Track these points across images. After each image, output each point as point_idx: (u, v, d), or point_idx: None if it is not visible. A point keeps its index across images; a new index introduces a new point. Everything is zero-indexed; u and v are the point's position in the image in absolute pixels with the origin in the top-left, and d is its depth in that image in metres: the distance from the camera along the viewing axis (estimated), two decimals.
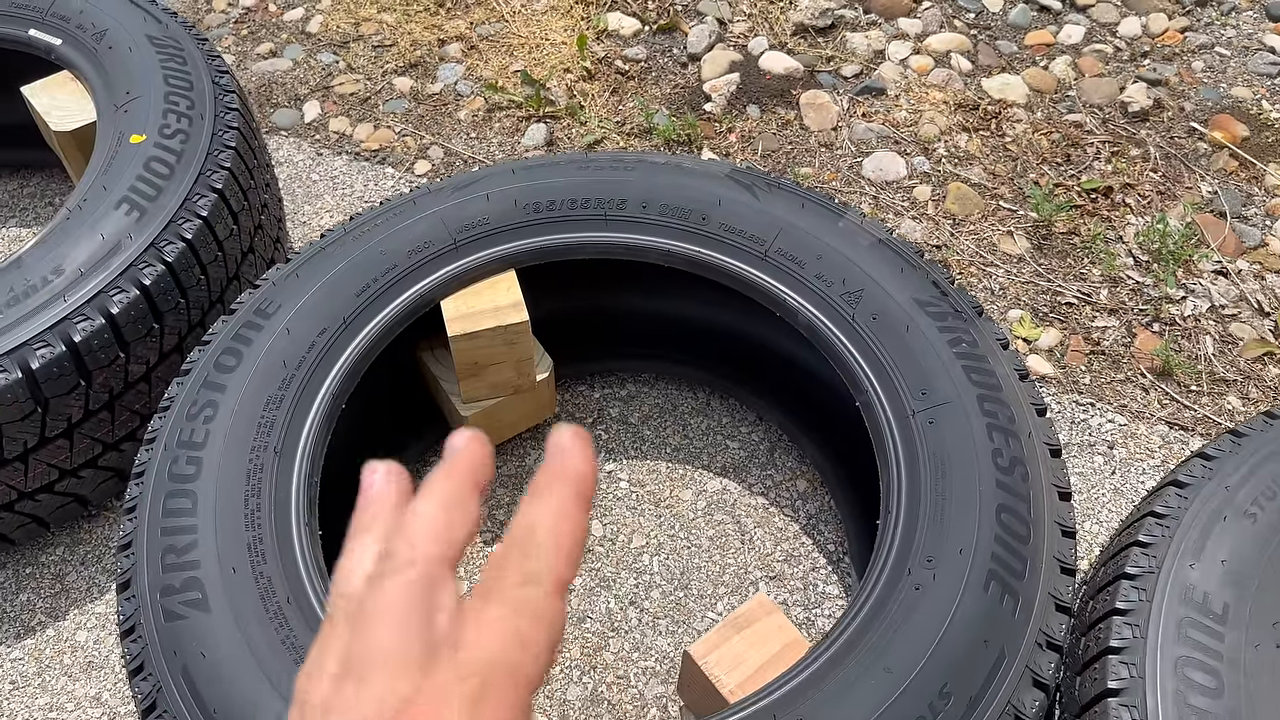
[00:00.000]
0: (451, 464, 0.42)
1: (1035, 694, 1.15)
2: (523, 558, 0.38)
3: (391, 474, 0.44)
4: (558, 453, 0.42)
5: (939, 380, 1.37)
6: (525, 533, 0.39)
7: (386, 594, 0.38)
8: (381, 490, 0.43)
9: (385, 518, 0.42)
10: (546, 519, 0.40)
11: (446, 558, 0.39)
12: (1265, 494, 1.28)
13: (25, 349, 1.43)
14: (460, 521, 0.40)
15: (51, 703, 1.51)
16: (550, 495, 0.40)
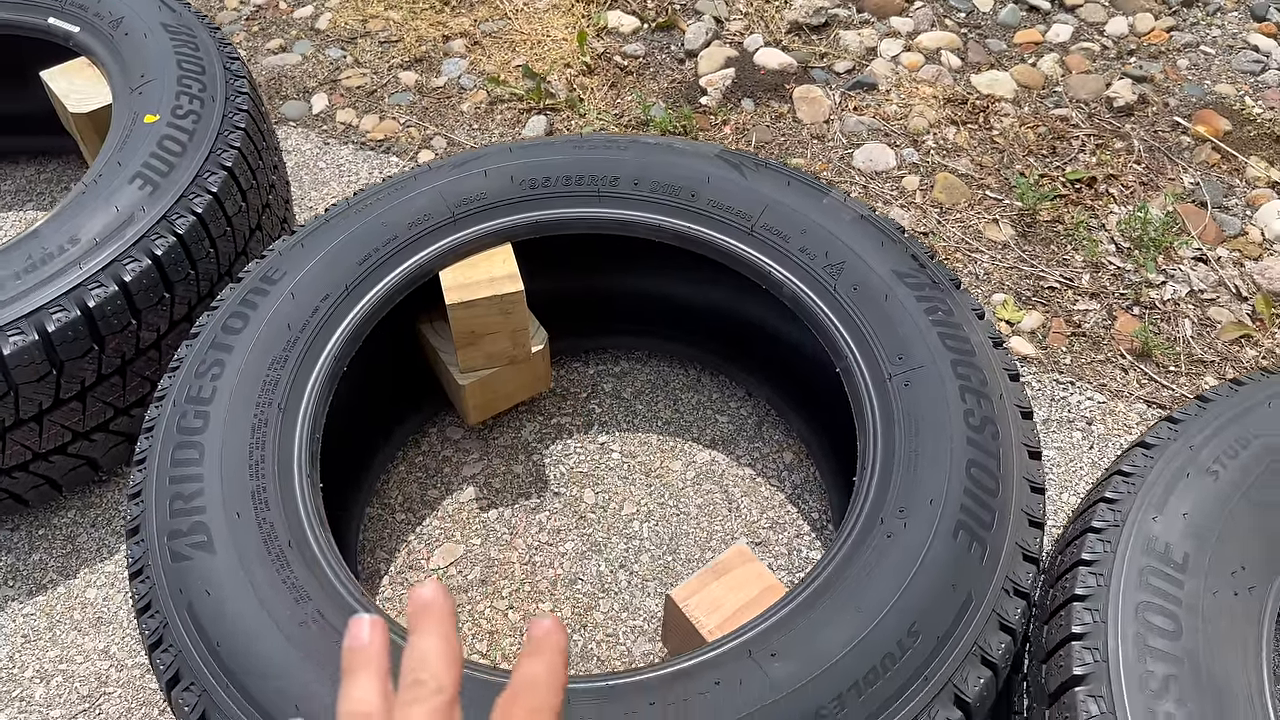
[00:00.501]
0: (430, 608, 0.50)
1: (1002, 637, 1.20)
2: (530, 698, 0.48)
3: (377, 625, 0.51)
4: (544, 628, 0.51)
5: (915, 346, 1.43)
6: (531, 680, 0.48)
7: (414, 716, 0.46)
8: (372, 638, 0.50)
9: (379, 660, 0.49)
10: (544, 672, 0.49)
11: (459, 685, 0.48)
12: (1227, 453, 1.33)
13: (42, 313, 1.50)
14: (459, 656, 0.49)
15: (62, 655, 1.57)
16: (543, 657, 0.49)
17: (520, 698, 0.48)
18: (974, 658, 1.17)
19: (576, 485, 1.76)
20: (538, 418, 1.85)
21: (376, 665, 0.49)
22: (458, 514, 1.72)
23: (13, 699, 1.53)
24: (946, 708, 1.14)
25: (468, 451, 1.81)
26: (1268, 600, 1.24)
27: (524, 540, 1.69)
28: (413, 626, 0.50)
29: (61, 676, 1.55)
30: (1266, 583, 1.25)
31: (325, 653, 1.15)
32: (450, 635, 0.49)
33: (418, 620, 0.50)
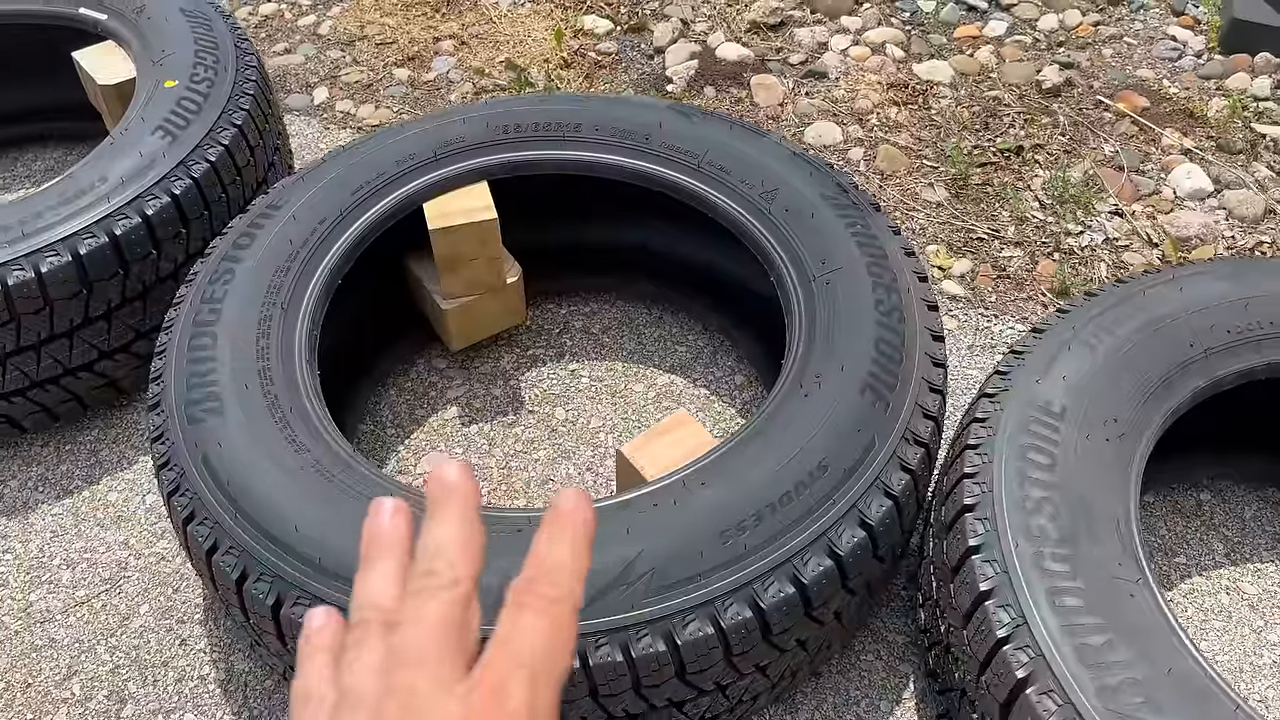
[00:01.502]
0: (453, 492, 0.46)
1: (902, 476, 1.39)
2: (551, 583, 0.43)
3: (400, 510, 0.48)
4: (570, 502, 0.46)
5: (836, 253, 1.64)
6: (552, 562, 0.43)
7: (431, 610, 0.42)
8: (393, 523, 0.47)
9: (400, 547, 0.46)
10: (567, 554, 0.44)
11: (478, 577, 0.44)
12: (1105, 330, 1.53)
13: (75, 238, 1.71)
14: (481, 544, 0.45)
15: (86, 546, 1.76)
16: (568, 536, 0.44)
17: (537, 585, 0.42)
18: (876, 489, 1.36)
19: (549, 405, 1.95)
20: (514, 350, 2.05)
21: (395, 554, 0.46)
22: (442, 429, 1.92)
23: (42, 582, 1.72)
24: (853, 528, 1.33)
25: (451, 378, 2.01)
26: (1139, 447, 1.43)
27: (501, 449, 1.88)
28: (431, 511, 0.45)
29: (86, 564, 1.74)
30: (1138, 433, 1.44)
31: (322, 490, 1.34)
32: (472, 521, 0.45)
33: (438, 505, 0.45)
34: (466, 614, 0.43)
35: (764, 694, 1.42)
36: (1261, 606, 1.64)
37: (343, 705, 0.42)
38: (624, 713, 1.29)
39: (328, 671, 0.44)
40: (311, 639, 0.47)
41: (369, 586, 0.45)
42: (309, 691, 0.44)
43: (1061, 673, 1.18)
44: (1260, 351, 1.54)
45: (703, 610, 1.24)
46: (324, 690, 0.44)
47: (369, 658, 0.42)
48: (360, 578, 0.45)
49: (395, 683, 0.40)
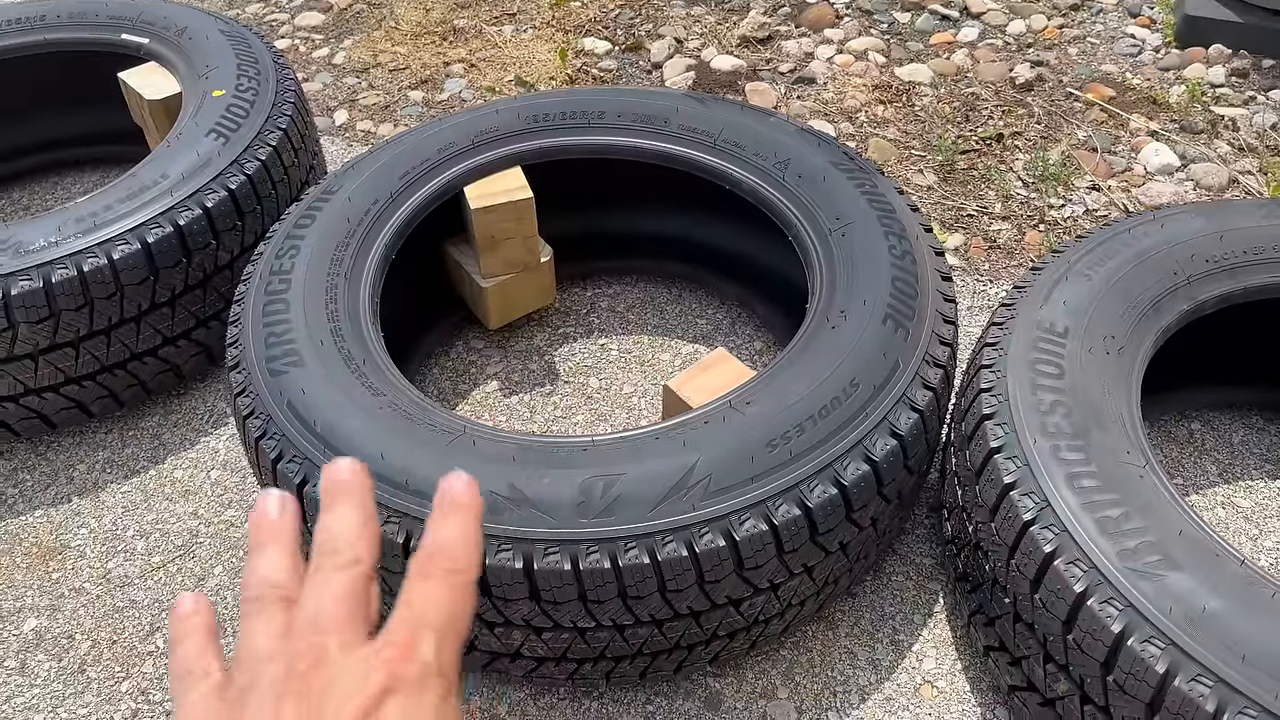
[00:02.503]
0: (346, 485, 0.47)
1: (925, 392, 1.53)
2: (448, 556, 0.45)
3: (287, 500, 0.49)
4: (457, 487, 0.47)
5: (848, 210, 1.80)
6: (446, 540, 0.45)
7: (334, 583, 0.43)
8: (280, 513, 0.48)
9: (289, 534, 0.47)
10: (460, 533, 0.46)
11: (376, 562, 0.46)
12: (1097, 263, 1.69)
13: (143, 228, 1.85)
14: (377, 532, 0.47)
15: (157, 519, 1.87)
16: (458, 516, 0.46)
17: (435, 557, 0.45)
18: (904, 403, 1.51)
19: (583, 375, 2.09)
20: (546, 329, 2.19)
21: (286, 540, 0.47)
22: (484, 400, 2.05)
23: (118, 551, 1.82)
24: (885, 437, 1.47)
25: (489, 356, 2.14)
26: (1136, 359, 1.59)
27: (542, 416, 2.01)
28: (326, 504, 0.47)
29: (159, 534, 1.84)
30: (1135, 347, 1.60)
31: (401, 424, 1.47)
32: (369, 512, 0.46)
33: (332, 497, 0.47)
34: (368, 590, 0.44)
35: (810, 599, 1.54)
36: (1255, 517, 1.79)
37: (247, 665, 0.42)
38: (688, 609, 1.41)
39: (208, 647, 0.45)
40: (186, 620, 0.47)
41: (262, 567, 0.45)
42: (189, 668, 0.44)
43: (1085, 542, 1.31)
44: (1236, 277, 1.70)
45: (756, 510, 1.37)
46: (207, 664, 0.44)
47: (271, 625, 0.42)
48: (251, 562, 0.46)
49: (303, 645, 0.41)
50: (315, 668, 0.40)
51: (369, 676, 0.39)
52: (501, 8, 3.38)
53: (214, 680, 0.43)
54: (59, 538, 1.85)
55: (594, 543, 1.33)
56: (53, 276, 1.77)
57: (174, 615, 0.48)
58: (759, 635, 1.53)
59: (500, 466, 1.39)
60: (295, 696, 0.39)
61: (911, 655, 1.62)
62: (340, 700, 0.38)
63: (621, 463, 1.39)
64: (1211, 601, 1.22)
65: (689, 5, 3.32)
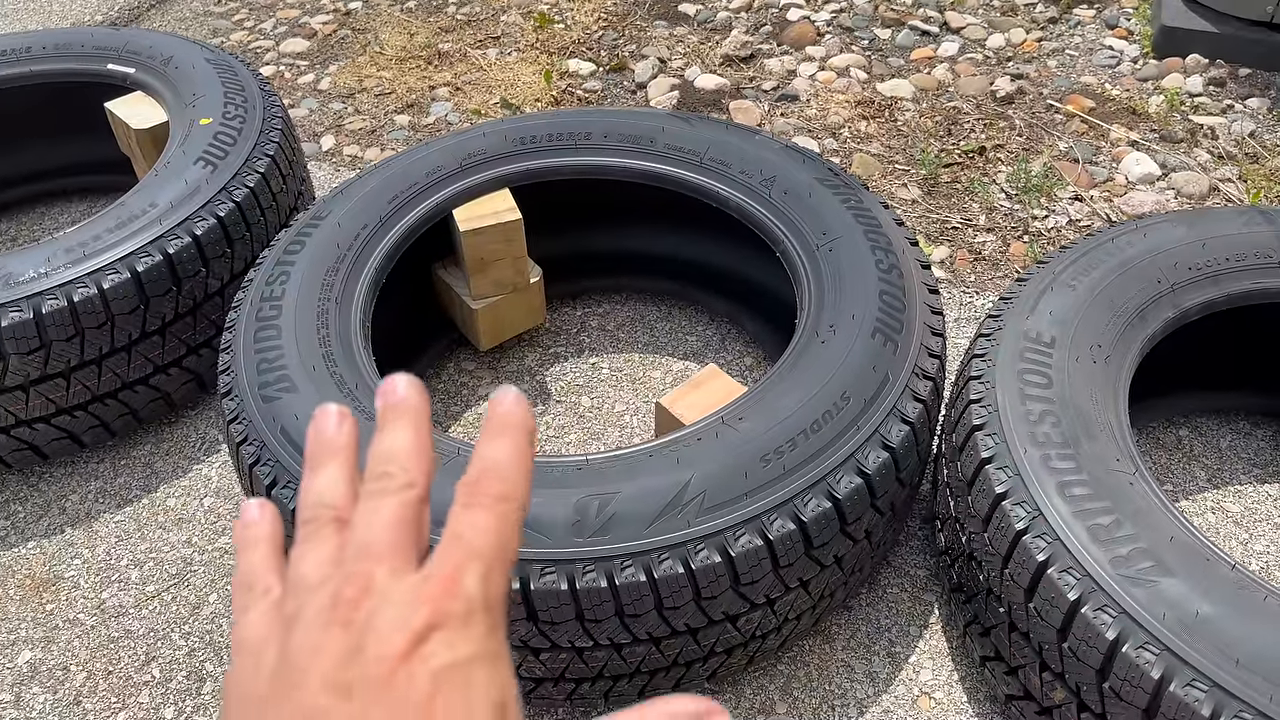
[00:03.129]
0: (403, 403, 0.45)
1: (916, 405, 1.55)
2: (499, 481, 0.42)
3: (345, 416, 0.47)
4: (506, 404, 0.45)
5: (835, 225, 1.82)
6: (494, 463, 0.43)
7: (386, 508, 0.41)
8: (338, 429, 0.46)
9: (347, 451, 0.45)
10: (511, 454, 0.43)
11: (430, 485, 0.43)
12: (1081, 273, 1.71)
13: (132, 257, 1.85)
14: (432, 452, 0.44)
15: (151, 548, 1.86)
16: (508, 436, 0.44)
17: (483, 482, 0.42)
18: (894, 416, 1.52)
19: (574, 395, 2.10)
20: (537, 349, 2.20)
21: (344, 457, 0.45)
22: (477, 422, 2.05)
23: (112, 581, 1.81)
24: (876, 449, 1.48)
25: (480, 378, 2.15)
26: (1123, 367, 1.60)
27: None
28: (381, 423, 0.45)
29: (152, 563, 1.84)
30: (1121, 356, 1.61)
31: None
32: (425, 432, 0.44)
33: (389, 416, 0.45)
34: (420, 515, 0.42)
35: (806, 614, 1.55)
36: (1245, 521, 1.80)
37: (295, 591, 0.41)
38: (685, 626, 1.41)
39: (271, 561, 0.44)
40: (250, 528, 0.46)
41: (318, 486, 0.44)
42: (252, 580, 0.44)
43: (1077, 550, 1.32)
44: (1219, 284, 1.72)
45: (751, 525, 1.38)
46: (269, 580, 0.43)
47: (323, 550, 0.42)
48: (307, 480, 0.45)
49: (352, 570, 0.40)
50: (362, 597, 0.39)
51: (415, 610, 0.38)
52: (486, 31, 3.40)
53: (273, 598, 0.43)
54: (52, 569, 1.84)
55: (590, 562, 1.33)
56: (43, 307, 1.77)
57: (239, 523, 0.47)
58: (756, 651, 1.53)
59: None
60: (340, 626, 0.38)
61: (908, 667, 1.63)
62: (385, 633, 0.37)
63: (616, 481, 1.40)
64: (1204, 606, 1.23)
65: (672, 25, 3.35)
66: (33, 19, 3.77)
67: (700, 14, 3.39)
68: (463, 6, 3.57)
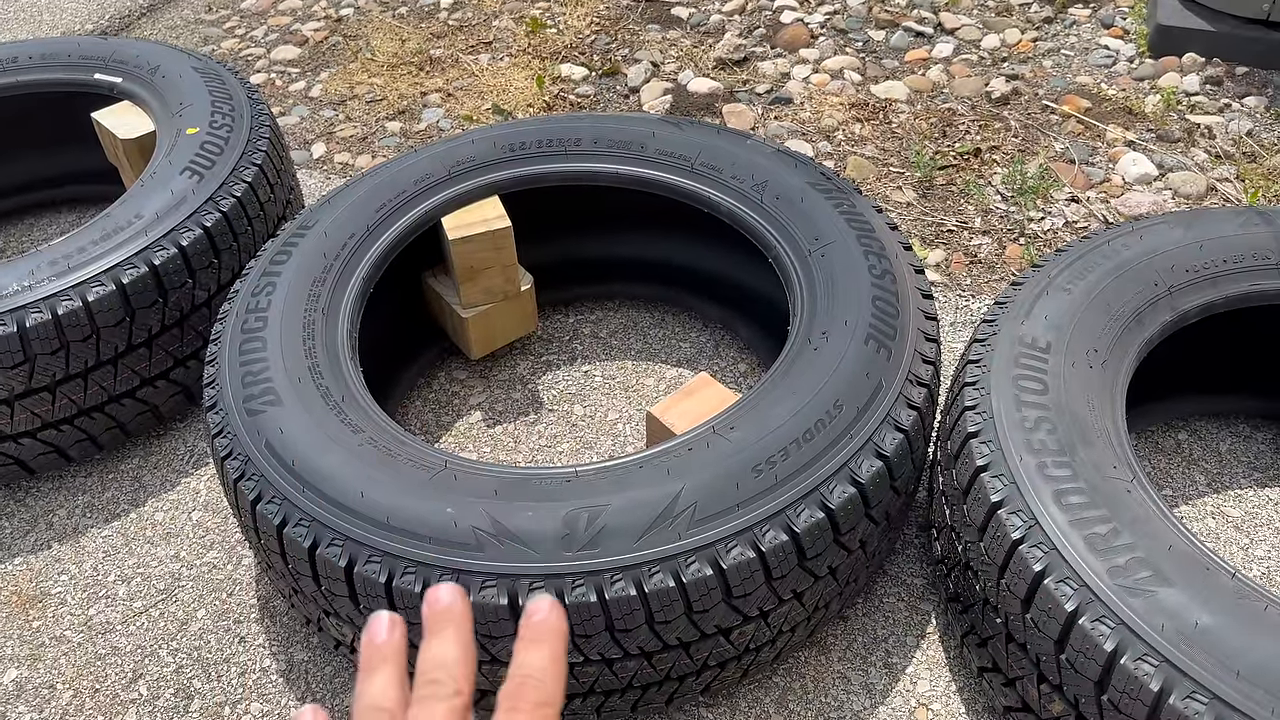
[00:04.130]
0: (450, 613, 0.50)
1: (909, 412, 1.52)
2: (536, 687, 0.47)
3: (396, 623, 0.51)
4: (542, 612, 0.50)
5: (827, 229, 1.79)
6: (534, 669, 0.48)
7: (438, 713, 0.46)
8: (390, 635, 0.50)
9: (398, 656, 0.50)
10: (547, 662, 0.49)
11: (472, 693, 0.49)
12: (1077, 277, 1.69)
13: (118, 269, 1.83)
14: (474, 663, 0.49)
15: (138, 563, 1.84)
16: (546, 644, 0.49)
17: (525, 691, 0.47)
18: (888, 424, 1.49)
19: (567, 403, 2.07)
20: (529, 357, 2.18)
21: (395, 662, 0.49)
22: (469, 431, 2.03)
23: (99, 597, 1.79)
24: (870, 458, 1.45)
25: (472, 387, 2.13)
26: (1120, 372, 1.58)
27: (526, 446, 1.99)
28: (429, 630, 0.50)
29: (140, 578, 1.82)
30: (1118, 360, 1.59)
31: (380, 461, 1.45)
32: (468, 642, 0.49)
33: (435, 624, 0.50)
34: (464, 719, 0.47)
35: (801, 625, 1.53)
36: (1246, 526, 1.78)
37: None
38: (677, 640, 1.39)
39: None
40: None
41: (373, 689, 0.48)
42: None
43: (1074, 559, 1.30)
44: (1217, 286, 1.70)
45: (743, 537, 1.36)
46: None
47: None
48: (363, 682, 0.49)
49: None
50: None
51: None
52: (477, 36, 3.38)
53: None
54: (39, 585, 1.82)
55: (580, 576, 1.31)
56: (27, 321, 1.75)
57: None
58: (750, 663, 1.51)
59: (482, 500, 1.37)
60: None
61: (905, 678, 1.60)
62: None
63: (606, 493, 1.38)
64: (1204, 617, 1.21)
65: (664, 29, 3.33)
66: (23, 28, 3.75)
67: (693, 17, 3.38)
68: (454, 12, 3.55)
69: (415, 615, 1.34)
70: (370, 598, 1.37)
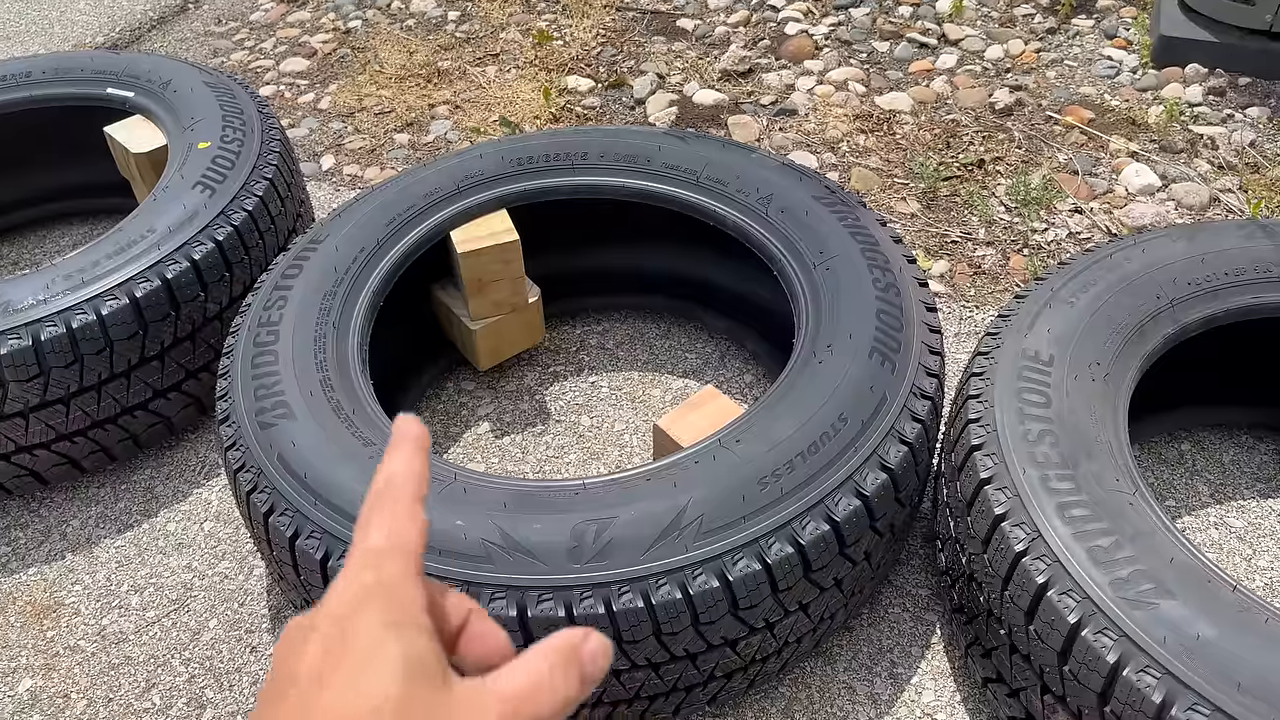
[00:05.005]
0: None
1: (913, 425, 1.54)
2: (390, 489, 0.51)
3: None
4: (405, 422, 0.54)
5: (832, 243, 1.81)
6: (389, 475, 0.51)
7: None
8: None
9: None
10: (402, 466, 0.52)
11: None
12: (1081, 289, 1.71)
13: (131, 282, 1.85)
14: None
15: (151, 573, 1.86)
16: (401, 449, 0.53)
17: (382, 492, 0.50)
18: (892, 437, 1.51)
19: (574, 414, 2.09)
20: (536, 368, 2.20)
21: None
22: (477, 442, 2.05)
23: (113, 607, 1.81)
24: (875, 471, 1.47)
25: (480, 398, 2.15)
26: (1122, 385, 1.60)
27: (534, 456, 2.01)
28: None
29: (153, 588, 1.84)
30: (1121, 374, 1.61)
31: None
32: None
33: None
34: None
35: (806, 636, 1.54)
36: (1249, 537, 1.79)
37: None
38: (684, 651, 1.41)
39: None
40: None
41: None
42: None
43: (1077, 572, 1.32)
44: (1219, 299, 1.71)
45: (749, 549, 1.37)
46: None
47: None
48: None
49: None
50: None
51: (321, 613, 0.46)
52: (485, 48, 3.41)
53: None
54: (53, 595, 1.84)
55: (588, 588, 1.33)
56: (42, 334, 1.77)
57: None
58: (757, 674, 1.53)
59: (492, 513, 1.39)
60: None
61: (910, 688, 1.62)
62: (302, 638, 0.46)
63: (613, 506, 1.39)
64: (1205, 629, 1.22)
65: (670, 41, 3.36)
66: (35, 40, 3.79)
67: (698, 29, 3.40)
68: (462, 24, 3.58)
69: None
70: None
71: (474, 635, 0.51)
